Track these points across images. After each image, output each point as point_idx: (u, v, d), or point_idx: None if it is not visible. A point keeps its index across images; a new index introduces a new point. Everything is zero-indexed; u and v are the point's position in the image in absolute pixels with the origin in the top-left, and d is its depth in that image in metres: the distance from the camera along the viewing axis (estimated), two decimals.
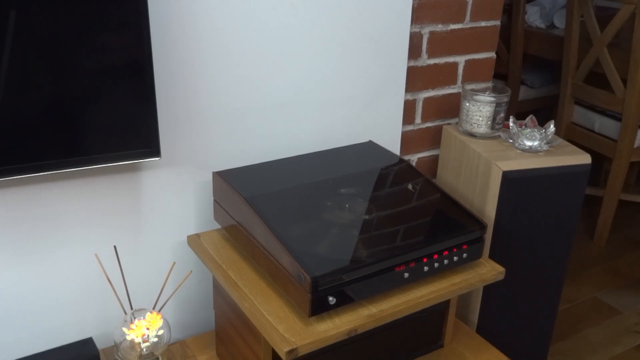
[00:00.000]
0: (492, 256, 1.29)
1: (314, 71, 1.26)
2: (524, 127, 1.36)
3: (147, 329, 1.05)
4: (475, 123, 1.37)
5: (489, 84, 1.43)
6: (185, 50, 1.10)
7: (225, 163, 1.21)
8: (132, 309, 1.08)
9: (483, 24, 1.47)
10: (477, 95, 1.35)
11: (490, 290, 1.35)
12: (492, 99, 1.34)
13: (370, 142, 1.34)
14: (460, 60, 1.47)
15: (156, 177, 1.16)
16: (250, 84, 1.20)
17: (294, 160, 1.22)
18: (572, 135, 2.38)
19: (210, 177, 1.20)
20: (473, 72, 1.50)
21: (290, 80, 1.24)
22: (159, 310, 1.09)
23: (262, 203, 1.05)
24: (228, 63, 1.16)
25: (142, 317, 1.07)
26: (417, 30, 1.38)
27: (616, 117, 2.24)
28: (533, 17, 2.73)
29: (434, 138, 1.51)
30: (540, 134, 1.33)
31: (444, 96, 1.49)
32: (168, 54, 1.09)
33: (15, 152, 0.94)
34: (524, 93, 2.73)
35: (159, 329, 1.07)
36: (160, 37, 1.07)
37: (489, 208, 1.30)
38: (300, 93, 1.27)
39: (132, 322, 1.06)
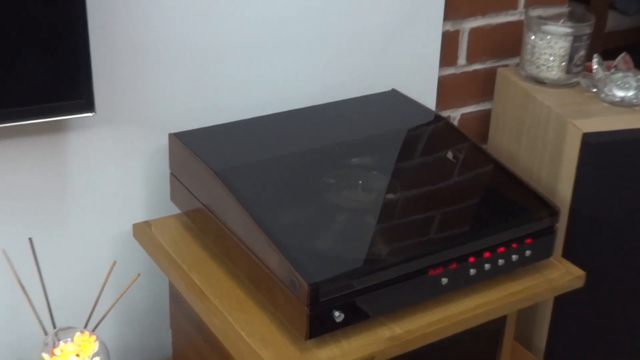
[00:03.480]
0: (567, 254, 1.27)
1: None
2: (613, 70, 1.35)
3: (77, 355, 1.05)
4: (544, 65, 1.36)
5: (564, 9, 1.43)
6: None
7: (187, 121, 1.21)
8: (54, 327, 1.08)
9: None
10: (547, 25, 1.34)
11: (563, 303, 1.35)
12: (569, 30, 1.34)
13: (393, 91, 1.33)
14: None
15: (89, 140, 1.16)
16: (222, 11, 1.19)
17: (284, 117, 1.22)
18: None
19: (165, 141, 1.19)
20: None
21: (279, 5, 1.24)
22: (93, 330, 1.09)
23: (239, 179, 1.04)
24: None
25: (69, 339, 1.07)
26: None
27: None
28: None
29: (484, 86, 1.51)
30: (637, 81, 1.32)
31: (499, 26, 1.48)
32: None
33: None
34: (614, 21, 2.70)
35: (93, 355, 1.06)
36: None
37: (562, 186, 1.30)
38: (294, 23, 1.26)
39: (55, 346, 1.06)
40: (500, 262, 1.06)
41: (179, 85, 1.20)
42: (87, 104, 1.03)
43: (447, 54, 1.45)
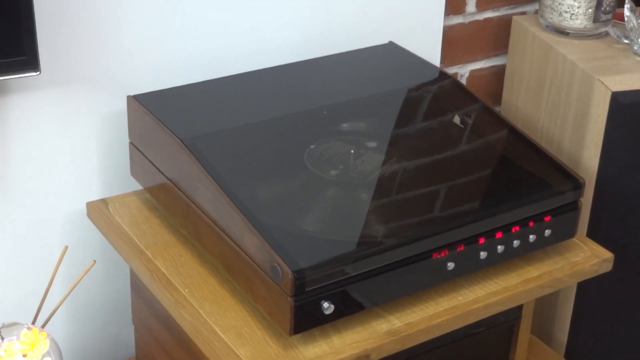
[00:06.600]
0: (592, 234, 1.29)
1: None
2: None
3: (24, 355, 1.05)
4: (567, 12, 1.36)
5: None
6: None
7: (148, 81, 1.21)
8: None
9: None
10: None
11: (588, 291, 1.35)
12: None
13: (391, 44, 1.33)
14: None
15: (34, 105, 1.15)
16: None
17: (262, 76, 1.22)
18: None
19: (123, 105, 1.19)
20: None
21: None
22: (43, 326, 1.08)
23: (210, 148, 1.04)
24: None
25: (14, 337, 1.06)
26: None
27: None
28: None
29: (497, 38, 1.51)
30: None
31: None
32: None
33: None
34: None
35: (44, 355, 1.06)
36: None
37: (587, 155, 1.30)
38: None
39: None
40: (515, 243, 1.06)
41: (138, 39, 1.20)
42: (30, 61, 1.02)
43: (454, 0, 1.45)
